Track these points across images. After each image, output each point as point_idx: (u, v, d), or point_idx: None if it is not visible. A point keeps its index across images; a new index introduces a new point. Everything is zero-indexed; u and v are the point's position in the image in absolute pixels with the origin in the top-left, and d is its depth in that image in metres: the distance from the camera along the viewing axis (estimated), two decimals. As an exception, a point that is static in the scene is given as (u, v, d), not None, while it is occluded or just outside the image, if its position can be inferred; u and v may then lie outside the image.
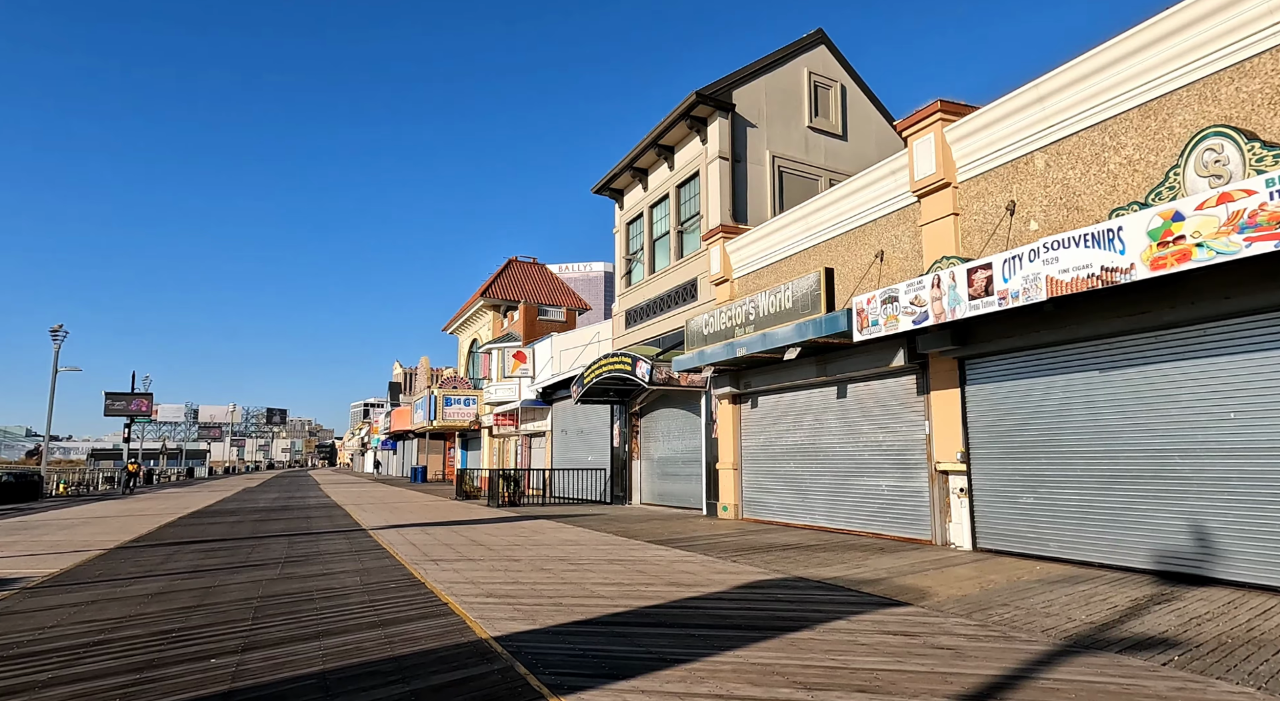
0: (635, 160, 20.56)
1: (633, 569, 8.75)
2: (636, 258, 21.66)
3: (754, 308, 13.15)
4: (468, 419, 37.48)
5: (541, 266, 40.24)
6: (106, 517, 18.65)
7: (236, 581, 8.27)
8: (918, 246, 11.27)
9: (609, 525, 14.47)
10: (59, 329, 31.81)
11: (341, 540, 12.54)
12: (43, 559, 10.54)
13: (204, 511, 20.69)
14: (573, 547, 10.92)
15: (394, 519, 16.89)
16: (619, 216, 22.88)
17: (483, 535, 12.85)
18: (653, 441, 20.45)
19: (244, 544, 12.17)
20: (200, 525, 16.10)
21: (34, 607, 6.87)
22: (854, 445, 12.53)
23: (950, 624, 5.66)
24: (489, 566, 9.14)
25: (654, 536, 12.29)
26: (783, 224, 14.45)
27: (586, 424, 24.76)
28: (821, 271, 11.43)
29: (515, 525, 14.77)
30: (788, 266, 14.51)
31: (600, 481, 22.63)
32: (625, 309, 21.93)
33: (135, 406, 42.29)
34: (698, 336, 15.05)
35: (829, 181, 18.87)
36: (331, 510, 20.34)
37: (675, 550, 10.45)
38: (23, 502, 26.44)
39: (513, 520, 15.99)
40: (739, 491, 15.71)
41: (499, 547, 11.06)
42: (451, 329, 44.10)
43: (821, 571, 8.29)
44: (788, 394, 14.35)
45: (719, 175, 17.29)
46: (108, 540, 13.03)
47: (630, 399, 21.29)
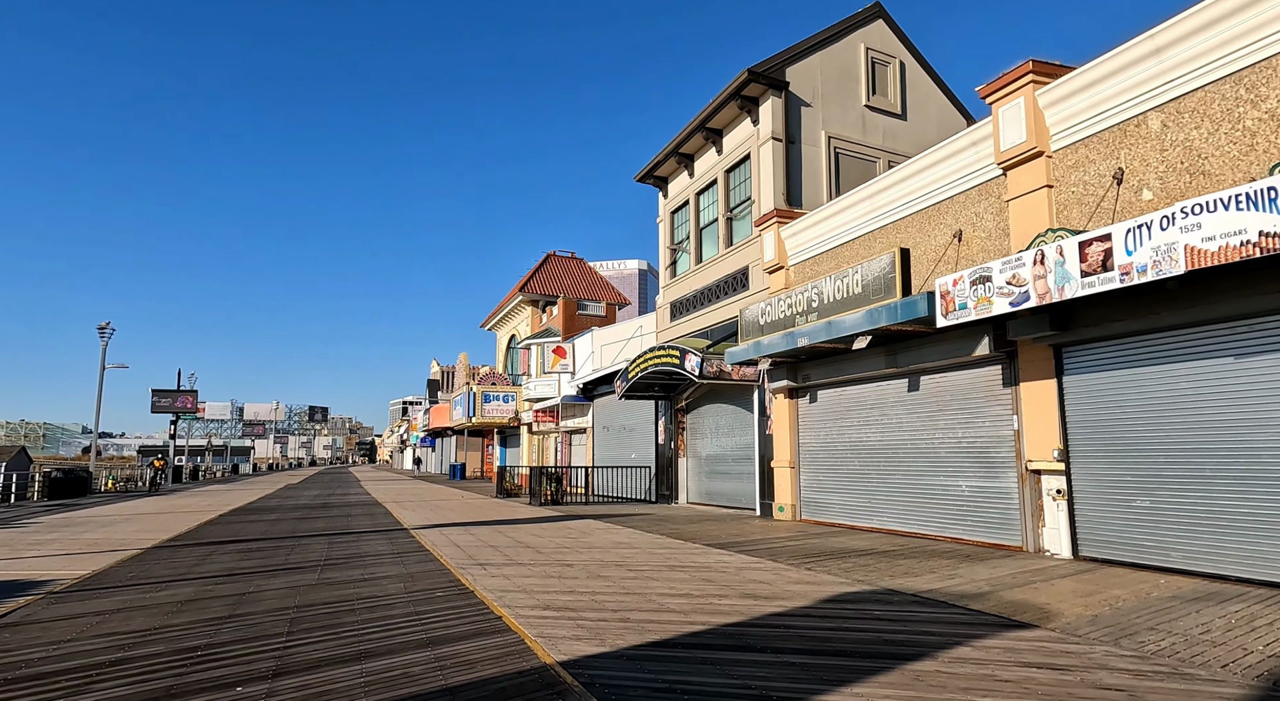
0: (681, 145, 19.72)
1: (698, 577, 7.95)
2: (682, 247, 20.83)
3: (817, 294, 12.23)
4: (506, 416, 37.06)
5: (580, 261, 39.63)
6: (148, 514, 18.48)
7: (272, 587, 7.68)
8: (1003, 224, 10.25)
9: (660, 526, 13.69)
10: (106, 326, 32.15)
11: (383, 541, 11.97)
12: (77, 559, 10.13)
13: (245, 508, 20.46)
14: (627, 551, 10.17)
15: (435, 517, 16.35)
16: (663, 205, 22.06)
17: (529, 536, 12.17)
18: (700, 438, 19.63)
19: (282, 544, 11.68)
20: (240, 523, 15.75)
21: (54, 616, 6.33)
22: (928, 442, 11.54)
23: (1099, 654, 4.74)
24: (541, 572, 8.43)
25: (711, 539, 11.47)
26: (845, 205, 13.49)
27: (629, 420, 24.03)
28: (896, 252, 10.47)
29: (561, 525, 14.08)
30: (850, 251, 13.55)
31: (645, 480, 21.88)
32: (670, 301, 21.12)
33: (181, 403, 42.79)
34: (753, 327, 14.17)
35: (887, 163, 17.81)
36: (372, 508, 19.93)
37: (739, 555, 9.63)
38: (72, 498, 26.67)
39: (557, 520, 15.32)
40: (796, 491, 14.80)
41: (548, 550, 10.36)
42: (490, 325, 43.77)
43: (912, 582, 7.40)
44: (851, 387, 13.40)
45: (772, 157, 16.37)
46: (146, 538, 12.67)
47: (676, 394, 20.48)
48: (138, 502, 23.76)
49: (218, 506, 21.37)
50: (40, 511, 20.14)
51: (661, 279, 21.99)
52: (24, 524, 16.03)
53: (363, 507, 20.13)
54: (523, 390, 35.34)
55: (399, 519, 16.23)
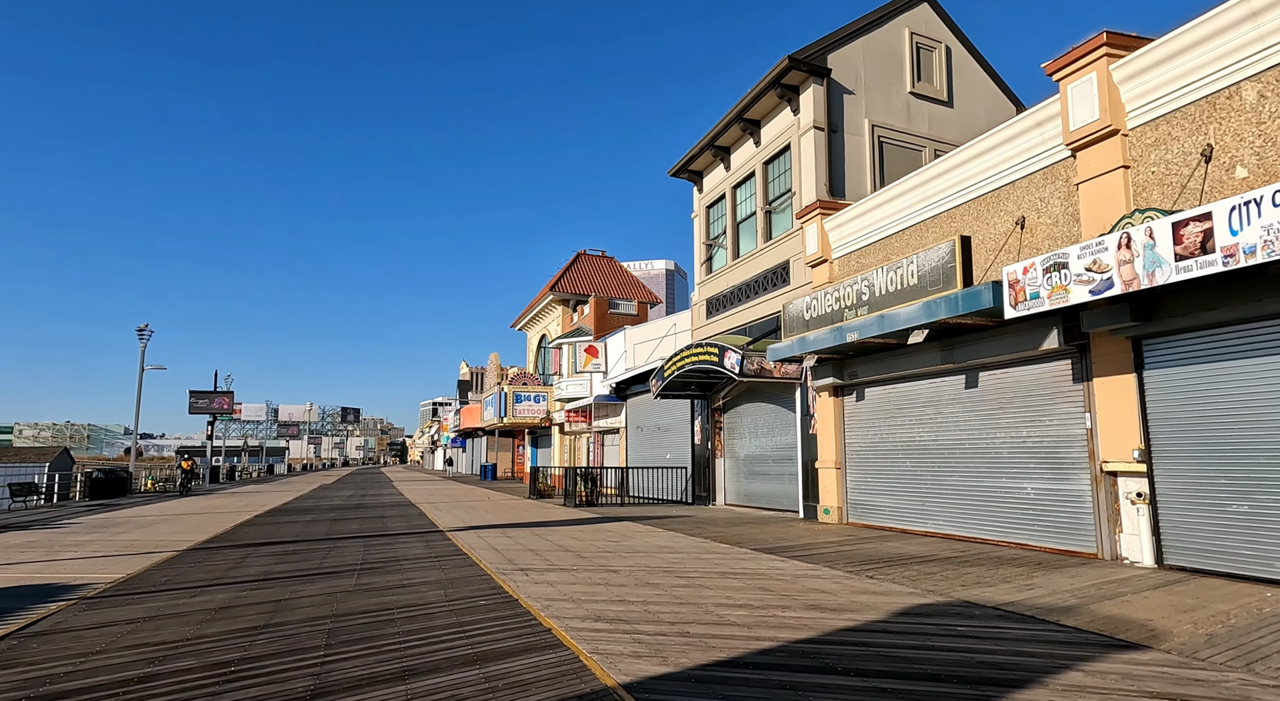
0: (717, 137, 19.22)
1: (754, 585, 7.47)
2: (718, 243, 20.32)
3: (868, 287, 11.66)
4: (538, 416, 36.84)
5: (610, 259, 39.28)
6: (185, 515, 18.47)
7: (308, 593, 7.37)
8: (1071, 209, 9.60)
9: (702, 529, 13.21)
10: (145, 328, 32.55)
11: (419, 543, 11.67)
12: (113, 561, 9.97)
13: (280, 509, 20.40)
14: (672, 556, 9.71)
15: (470, 519, 16.05)
16: (697, 200, 21.58)
17: (568, 539, 11.78)
18: (738, 438, 19.10)
19: (318, 546, 11.43)
20: (275, 524, 15.60)
21: (85, 624, 6.06)
22: (989, 442, 10.91)
23: (1235, 683, 4.18)
24: (586, 579, 8.01)
25: (758, 543, 10.97)
26: (894, 194, 12.89)
27: (664, 420, 23.58)
28: (956, 240, 9.87)
29: (599, 527, 13.67)
30: (900, 242, 12.95)
31: (680, 481, 21.41)
32: (706, 297, 20.62)
33: (217, 404, 43.32)
34: (797, 322, 13.63)
35: (933, 153, 17.13)
36: (406, 509, 19.74)
37: (791, 561, 9.12)
38: (112, 498, 26.97)
39: (595, 522, 14.92)
40: (842, 493, 14.22)
41: (590, 555, 9.95)
42: (520, 325, 43.63)
43: (988, 593, 6.84)
44: (902, 384, 12.79)
45: (813, 147, 15.80)
46: (182, 540, 12.53)
47: (713, 393, 19.98)
48: (175, 503, 23.90)
49: (253, 507, 21.36)
50: (81, 511, 20.30)
51: (696, 275, 21.50)
52: (64, 524, 16.07)
53: (397, 509, 19.95)
54: (554, 390, 35.08)
55: (434, 520, 15.96)
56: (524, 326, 43.84)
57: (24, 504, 22.04)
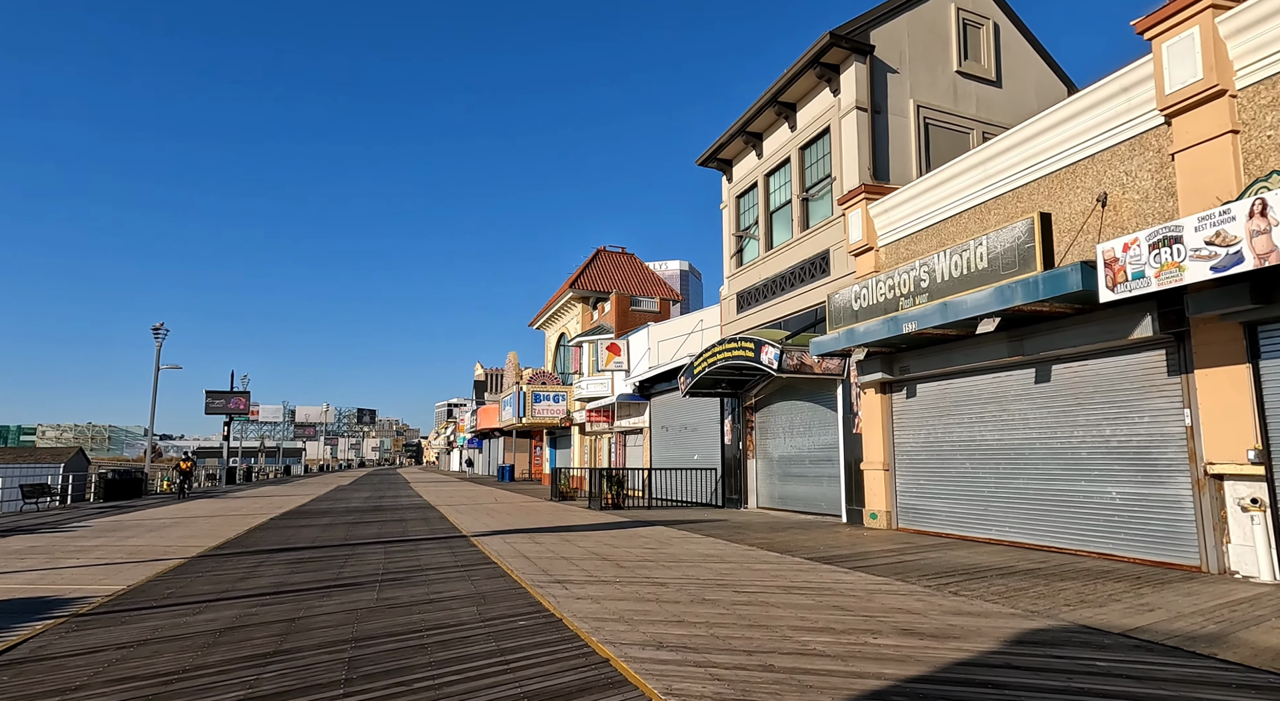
0: (749, 123, 18.34)
1: (825, 603, 6.59)
2: (749, 234, 19.42)
3: (927, 273, 10.74)
4: (557, 416, 36.07)
5: (630, 256, 38.46)
6: (198, 518, 17.83)
7: (325, 610, 6.57)
8: (1164, 182, 8.64)
9: (742, 535, 12.33)
10: (160, 327, 32.11)
11: (443, 550, 10.87)
12: (116, 570, 9.24)
13: (296, 512, 19.73)
14: (721, 566, 8.84)
15: (494, 523, 15.26)
16: (726, 190, 20.70)
17: (602, 546, 10.94)
18: (771, 438, 18.19)
19: (336, 554, 10.67)
20: (291, 528, 14.89)
21: (69, 650, 5.28)
22: (1064, 441, 9.96)
23: None
24: (633, 593, 7.16)
25: (808, 551, 10.08)
26: (950, 174, 11.96)
27: (691, 419, 22.70)
28: (1035, 217, 8.93)
29: (632, 533, 12.82)
30: (956, 226, 12.01)
31: (709, 482, 20.53)
32: (736, 291, 19.74)
33: (234, 405, 42.91)
34: (844, 313, 12.72)
35: (982, 135, 16.16)
36: (426, 511, 18.99)
37: (856, 573, 8.22)
38: (126, 500, 26.47)
39: (625, 526, 14.07)
40: (891, 496, 13.29)
41: (630, 564, 9.10)
42: (538, 323, 42.90)
43: (1102, 615, 5.92)
44: (960, 379, 11.85)
45: (856, 129, 14.88)
46: (192, 545, 11.81)
47: (745, 391, 19.09)
48: (190, 505, 23.33)
49: (269, 509, 20.71)
50: (93, 513, 19.73)
51: (725, 268, 20.62)
52: (72, 527, 15.45)
53: (416, 511, 19.21)
54: (574, 389, 34.29)
55: (456, 524, 15.18)
56: (542, 325, 43.11)
57: (36, 505, 21.53)
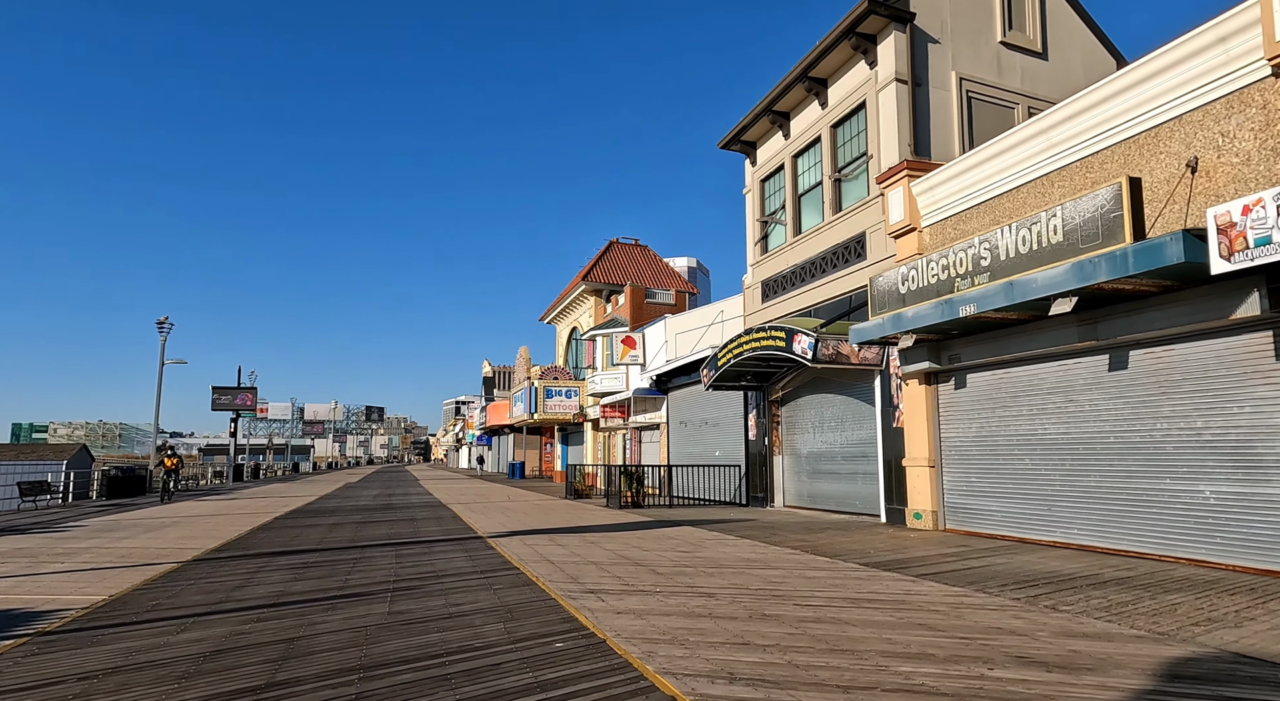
0: (775, 102, 17.39)
1: (906, 619, 5.68)
2: (776, 219, 18.48)
3: (988, 250, 9.79)
4: (570, 412, 35.21)
5: (644, 248, 37.53)
6: (200, 517, 17.05)
7: (330, 627, 5.70)
8: (1272, 142, 7.67)
9: (778, 536, 11.43)
10: (164, 321, 31.42)
11: (459, 553, 10.01)
12: (101, 576, 8.41)
13: (302, 510, 18.93)
14: (769, 573, 7.94)
15: (510, 523, 14.39)
16: (750, 174, 19.76)
17: (630, 549, 10.06)
18: (799, 433, 17.28)
19: (343, 557, 9.82)
20: (296, 528, 14.07)
21: (21, 682, 4.42)
22: (1144, 434, 9.00)
23: None
24: (679, 606, 6.27)
25: (857, 555, 9.16)
26: (1006, 145, 11.00)
27: (712, 414, 21.79)
28: (1124, 182, 7.97)
29: (659, 534, 11.94)
30: (1013, 202, 11.05)
31: (732, 480, 19.62)
32: (761, 280, 18.80)
33: (240, 401, 42.26)
34: (889, 297, 11.78)
35: (1027, 111, 15.16)
36: (438, 510, 18.16)
37: (924, 581, 7.31)
38: (130, 497, 25.78)
39: (649, 526, 13.19)
40: (937, 495, 12.36)
41: (666, 571, 8.21)
42: (549, 318, 42.05)
43: (1249, 640, 4.99)
44: (1019, 368, 10.90)
45: (895, 102, 13.91)
46: (188, 548, 10.99)
47: (771, 384, 18.16)
48: (194, 503, 22.59)
49: (275, 507, 19.93)
50: (93, 512, 18.99)
51: (749, 256, 19.69)
52: (67, 527, 14.68)
53: (427, 510, 18.38)
54: (587, 384, 33.43)
55: (470, 524, 14.33)
56: (553, 319, 42.25)
57: (34, 504, 20.81)
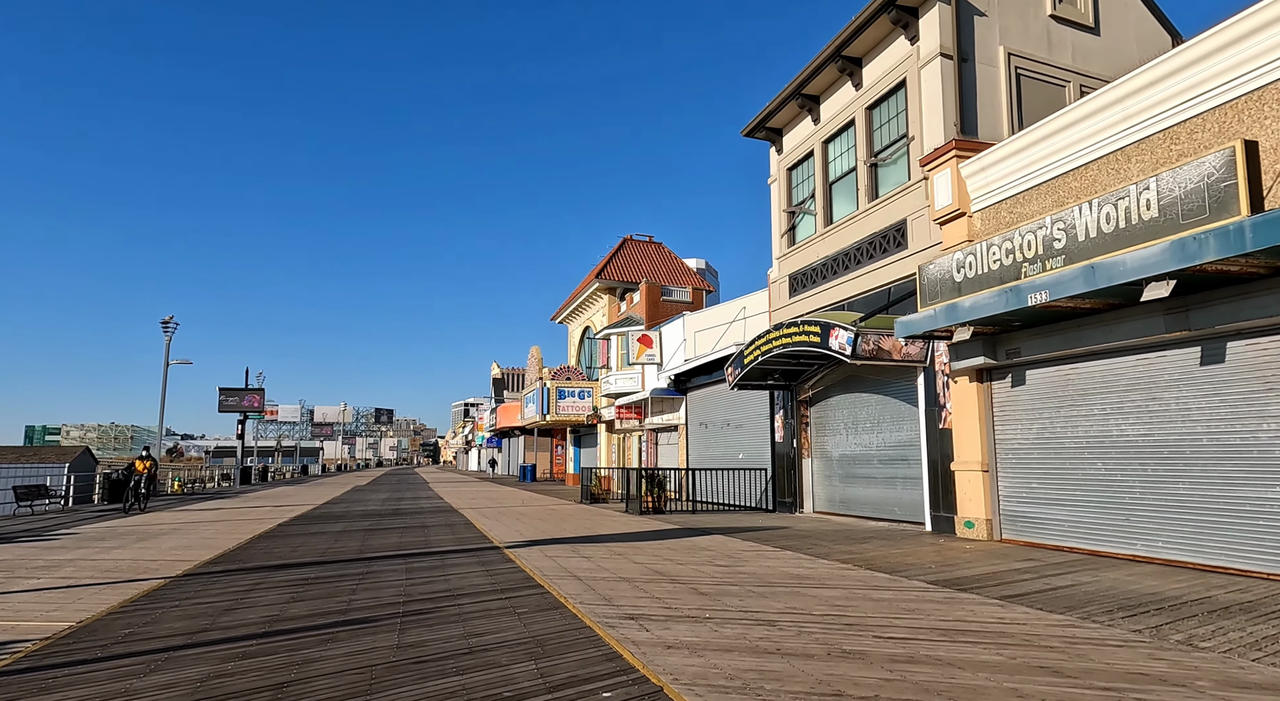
0: (804, 84, 16.43)
1: (1021, 660, 4.71)
2: (805, 209, 17.51)
3: (1063, 230, 8.80)
4: (583, 413, 34.31)
5: (659, 245, 36.60)
6: (199, 524, 16.20)
7: (328, 667, 4.79)
8: (1407, 100, 6.66)
9: (820, 547, 10.46)
10: (169, 320, 30.72)
11: (475, 567, 9.09)
12: (76, 596, 7.53)
13: (309, 516, 18.08)
14: (828, 594, 6.97)
15: (526, 530, 13.47)
16: (775, 163, 18.79)
17: (663, 562, 9.11)
18: (830, 435, 16.31)
19: (348, 571, 8.91)
20: (299, 536, 13.19)
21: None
22: (1246, 437, 7.99)
23: None
24: (740, 639, 5.32)
25: (918, 570, 8.18)
26: (1073, 118, 10.00)
27: (735, 415, 20.83)
28: (1239, 147, 6.99)
29: (690, 544, 10.99)
30: (1082, 179, 10.05)
31: (758, 484, 18.65)
32: (788, 273, 17.83)
33: (248, 402, 41.56)
34: (942, 286, 10.81)
35: (1079, 89, 14.14)
36: (449, 516, 17.26)
37: (1013, 605, 6.33)
38: (132, 502, 24.98)
39: (676, 535, 12.24)
40: (991, 502, 11.36)
41: (709, 589, 7.26)
42: (561, 317, 41.16)
43: None
44: (1090, 362, 9.90)
45: (939, 78, 12.93)
46: (181, 559, 10.12)
47: (799, 383, 17.20)
48: (197, 508, 21.78)
49: (279, 513, 19.09)
50: (91, 517, 18.20)
51: (775, 249, 18.72)
52: (57, 535, 13.85)
53: (438, 515, 17.49)
54: (601, 385, 32.53)
55: (484, 532, 13.41)
56: (565, 319, 41.37)
57: (30, 508, 20.03)
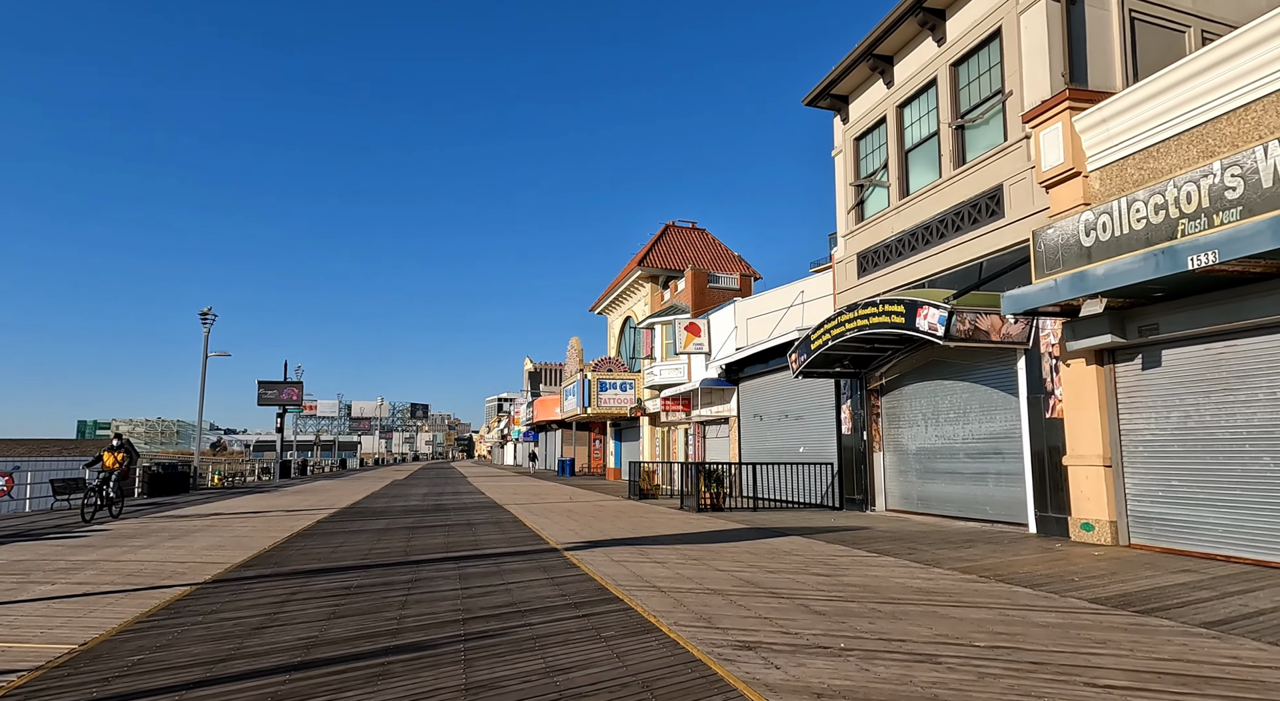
0: (875, 44, 15.00)
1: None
2: (875, 181, 16.09)
3: (1238, 176, 7.34)
4: (625, 406, 33.20)
5: (702, 231, 35.26)
6: (235, 518, 15.42)
7: (380, 716, 3.67)
8: None
9: (922, 553, 9.15)
10: (208, 312, 30.30)
11: (536, 573, 7.97)
12: (90, 606, 6.58)
13: (348, 511, 17.23)
14: (973, 616, 5.69)
15: (581, 529, 12.36)
16: (840, 133, 17.38)
17: (749, 569, 7.89)
18: (906, 426, 14.92)
19: (395, 578, 7.87)
20: (340, 535, 12.26)
21: None
22: None
23: None
24: (902, 682, 4.08)
25: (1062, 583, 6.84)
26: (1229, 52, 8.50)
27: (794, 405, 19.49)
28: None
29: (769, 547, 9.76)
30: (1238, 124, 8.53)
31: (821, 480, 17.31)
32: (856, 252, 16.44)
33: (287, 395, 41.28)
34: (1066, 253, 9.38)
35: (1201, 36, 12.51)
36: (495, 512, 16.25)
37: (1234, 639, 4.99)
38: (171, 496, 24.58)
39: (747, 535, 11.01)
40: (1115, 501, 9.92)
41: (824, 607, 6.02)
42: (600, 308, 40.07)
43: None
44: (1254, 338, 8.42)
45: (1044, 22, 11.44)
46: (212, 561, 9.19)
47: (869, 370, 15.83)
48: (236, 501, 21.15)
49: (319, 507, 18.30)
50: (127, 512, 17.59)
51: (840, 226, 17.34)
52: (87, 531, 13.13)
53: (484, 512, 16.49)
54: (644, 376, 31.35)
55: (536, 531, 12.33)
56: (604, 309, 40.27)
57: (68, 502, 19.53)
